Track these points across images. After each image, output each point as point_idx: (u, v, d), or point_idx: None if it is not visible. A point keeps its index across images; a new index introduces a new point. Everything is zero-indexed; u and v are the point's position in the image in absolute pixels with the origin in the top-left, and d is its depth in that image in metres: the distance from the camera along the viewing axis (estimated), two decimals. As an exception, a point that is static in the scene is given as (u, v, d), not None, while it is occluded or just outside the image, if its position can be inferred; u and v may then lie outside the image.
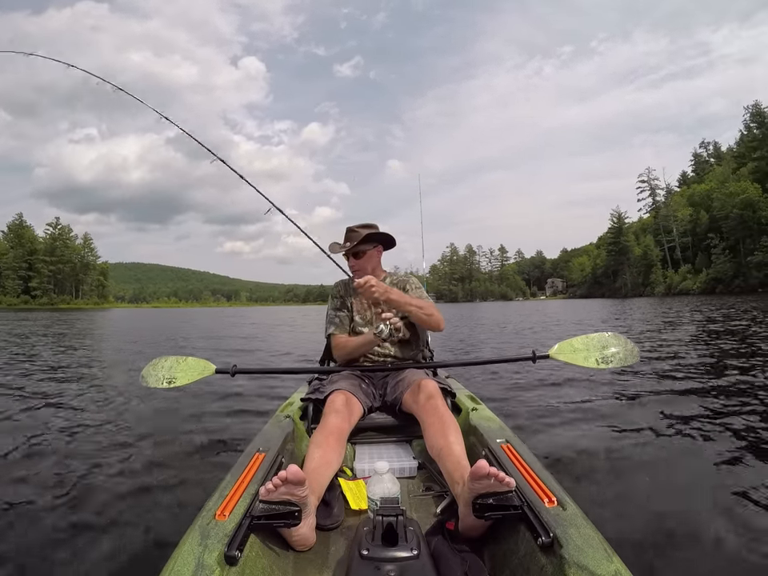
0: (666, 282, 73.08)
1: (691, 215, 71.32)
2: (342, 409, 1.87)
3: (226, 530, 1.13)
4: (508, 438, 1.71)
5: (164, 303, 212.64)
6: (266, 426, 2.03)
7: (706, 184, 69.91)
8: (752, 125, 65.86)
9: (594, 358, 2.21)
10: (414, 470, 1.91)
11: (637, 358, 2.18)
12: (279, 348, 10.35)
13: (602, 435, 3.17)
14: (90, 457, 2.93)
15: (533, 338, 11.61)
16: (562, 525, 1.12)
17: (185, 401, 4.54)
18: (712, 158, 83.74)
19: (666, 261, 77.88)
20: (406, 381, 2.12)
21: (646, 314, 19.90)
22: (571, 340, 2.32)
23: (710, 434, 3.06)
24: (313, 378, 2.60)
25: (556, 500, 1.23)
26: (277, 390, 4.91)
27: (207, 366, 2.38)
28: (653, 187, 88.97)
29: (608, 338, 2.27)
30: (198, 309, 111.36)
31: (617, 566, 0.97)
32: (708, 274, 62.80)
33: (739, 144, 70.26)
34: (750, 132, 66.28)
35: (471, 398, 2.41)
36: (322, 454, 1.63)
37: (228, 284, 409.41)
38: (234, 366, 2.38)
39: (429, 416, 1.82)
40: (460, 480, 1.44)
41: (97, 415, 4.05)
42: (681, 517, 1.97)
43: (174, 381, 2.34)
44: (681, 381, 4.89)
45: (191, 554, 1.05)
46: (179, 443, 3.24)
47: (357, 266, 2.49)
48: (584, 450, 2.87)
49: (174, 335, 15.11)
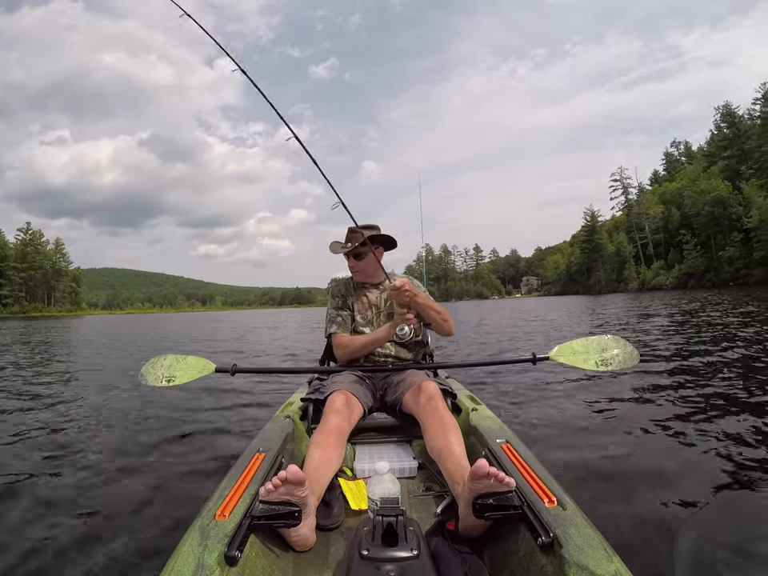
0: (639, 278, 74.86)
1: (663, 213, 73.48)
2: (342, 409, 1.87)
3: (226, 531, 1.13)
4: (508, 438, 1.71)
5: (138, 309, 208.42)
6: (266, 426, 2.03)
7: (678, 182, 72.07)
8: (722, 125, 67.56)
9: (594, 360, 2.22)
10: (414, 470, 1.91)
11: (636, 360, 2.19)
12: (279, 348, 10.35)
13: (602, 435, 3.17)
14: (89, 457, 2.92)
15: (514, 335, 11.36)
16: (562, 525, 1.12)
17: (184, 401, 4.53)
18: (683, 157, 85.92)
19: (639, 257, 79.70)
20: (407, 382, 2.12)
21: (620, 308, 20.35)
22: (571, 342, 2.33)
23: (711, 433, 3.05)
24: (313, 378, 2.58)
25: (556, 500, 1.24)
26: (277, 390, 4.90)
27: (207, 365, 2.37)
28: (625, 186, 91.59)
29: (607, 340, 2.29)
30: (173, 314, 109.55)
31: (617, 566, 0.97)
32: (680, 269, 65.10)
33: (710, 143, 72.59)
34: (721, 132, 68.03)
35: (471, 399, 2.41)
36: (322, 454, 1.62)
37: (203, 288, 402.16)
38: (234, 365, 2.37)
39: (429, 417, 1.82)
40: (460, 480, 1.44)
41: (96, 416, 4.04)
42: (681, 517, 1.97)
43: (174, 379, 2.32)
44: (679, 377, 4.87)
45: (191, 554, 1.05)
46: (179, 443, 3.23)
47: (357, 267, 2.47)
48: (584, 450, 2.88)
49: (163, 344, 14.62)
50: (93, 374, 6.95)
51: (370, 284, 2.55)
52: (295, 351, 9.67)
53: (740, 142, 61.57)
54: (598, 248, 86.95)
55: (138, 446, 3.16)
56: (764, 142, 52.31)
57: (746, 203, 54.32)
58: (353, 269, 2.49)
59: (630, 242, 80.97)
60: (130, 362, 8.23)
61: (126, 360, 8.79)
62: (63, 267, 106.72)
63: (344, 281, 2.58)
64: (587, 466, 2.62)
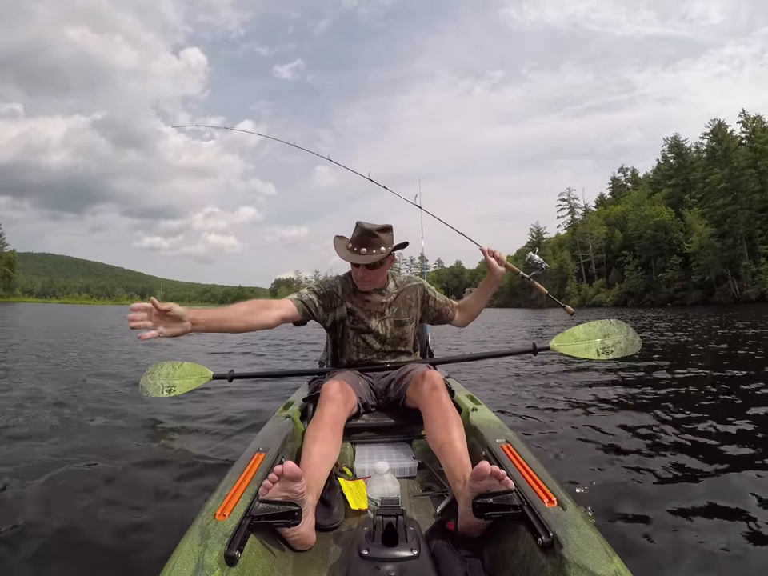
0: (580, 295, 77.20)
1: (607, 233, 76.90)
2: (336, 396, 1.82)
3: (226, 530, 1.13)
4: (508, 438, 1.72)
5: (74, 299, 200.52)
6: (266, 426, 2.03)
7: (622, 206, 75.50)
8: (669, 155, 71.53)
9: (595, 348, 2.24)
10: (414, 470, 1.91)
11: (638, 347, 2.20)
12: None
13: (602, 435, 3.17)
14: (87, 457, 2.86)
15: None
16: (562, 525, 1.12)
17: (184, 400, 4.44)
18: (629, 183, 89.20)
19: (581, 275, 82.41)
20: (410, 374, 2.09)
21: (558, 320, 20.91)
22: (572, 329, 2.34)
23: (711, 433, 3.08)
24: (313, 378, 2.58)
25: (556, 500, 1.24)
26: (277, 390, 4.85)
27: (204, 372, 2.34)
28: (572, 206, 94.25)
29: (610, 326, 2.30)
30: (110, 306, 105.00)
31: (617, 566, 0.98)
32: (621, 288, 68.37)
33: (656, 171, 76.83)
34: (667, 161, 72.06)
35: (471, 398, 2.40)
36: (318, 449, 1.60)
37: (143, 281, 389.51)
38: (232, 371, 2.35)
39: (432, 408, 1.79)
40: (461, 478, 1.45)
41: (95, 415, 3.94)
42: (681, 516, 1.98)
43: (174, 389, 2.30)
44: (679, 377, 4.90)
45: (191, 554, 1.04)
46: (178, 443, 3.19)
47: (369, 276, 2.15)
48: (584, 450, 2.88)
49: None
50: (93, 374, 6.68)
51: (372, 290, 2.27)
52: (295, 351, 9.47)
53: (685, 173, 65.00)
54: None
55: (137, 446, 3.11)
56: (708, 173, 55.31)
57: (687, 229, 57.34)
58: (363, 279, 2.16)
59: (573, 260, 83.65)
60: (130, 367, 7.85)
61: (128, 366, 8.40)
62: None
63: (343, 281, 2.29)
64: (587, 466, 2.61)
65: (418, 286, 2.37)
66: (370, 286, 2.22)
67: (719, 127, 55.99)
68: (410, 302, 2.33)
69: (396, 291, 2.32)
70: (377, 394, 2.26)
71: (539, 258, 2.36)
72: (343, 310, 2.25)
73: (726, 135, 54.71)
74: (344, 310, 2.25)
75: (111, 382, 5.59)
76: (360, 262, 2.08)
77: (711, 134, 57.20)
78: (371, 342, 2.30)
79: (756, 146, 51.66)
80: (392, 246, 2.12)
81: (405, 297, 2.33)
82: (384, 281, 2.28)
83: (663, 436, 3.10)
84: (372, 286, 2.23)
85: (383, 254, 2.06)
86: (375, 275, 2.17)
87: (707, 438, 2.99)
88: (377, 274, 2.17)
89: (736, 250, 50.67)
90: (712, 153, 56.46)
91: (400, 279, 2.38)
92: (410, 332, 2.37)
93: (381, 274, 2.19)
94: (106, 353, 8.91)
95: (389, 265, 2.21)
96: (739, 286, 50.13)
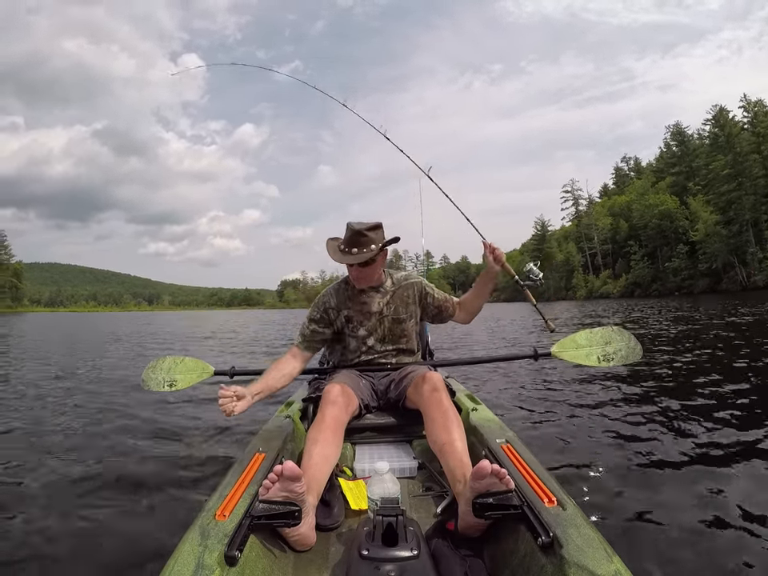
0: (587, 287, 77.11)
1: (612, 224, 76.46)
2: (338, 399, 1.83)
3: (226, 530, 1.13)
4: (508, 438, 1.71)
5: (82, 307, 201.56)
6: (266, 426, 2.03)
7: (626, 196, 75.05)
8: (672, 143, 71.05)
9: (596, 355, 2.21)
10: (414, 470, 1.91)
11: (639, 356, 2.18)
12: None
13: (602, 435, 3.18)
14: (88, 457, 2.91)
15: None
16: (562, 525, 1.12)
17: (183, 400, 4.53)
18: (632, 172, 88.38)
19: (588, 266, 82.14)
20: (410, 376, 2.09)
21: (569, 313, 20.86)
22: (574, 335, 2.32)
23: (713, 436, 3.05)
24: (313, 378, 2.57)
25: (556, 500, 1.24)
26: (277, 389, 4.80)
27: (206, 368, 2.34)
28: (576, 197, 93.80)
29: (611, 333, 2.28)
30: (119, 313, 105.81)
31: (617, 566, 0.97)
32: (627, 278, 68.04)
33: (658, 160, 76.31)
34: (670, 149, 71.62)
35: (471, 398, 2.39)
36: (319, 450, 1.61)
37: (150, 287, 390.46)
38: (233, 368, 2.35)
39: (433, 409, 1.79)
40: (462, 478, 1.45)
41: (94, 415, 4.03)
42: (681, 516, 1.98)
43: (175, 384, 2.30)
44: (678, 378, 4.98)
45: (191, 554, 1.05)
46: (178, 443, 3.23)
47: (362, 274, 2.18)
48: (584, 450, 2.89)
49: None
50: (91, 373, 6.86)
51: (369, 288, 2.28)
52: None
53: (688, 160, 64.70)
54: (547, 256, 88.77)
55: (137, 446, 3.15)
56: (711, 160, 54.77)
57: (693, 218, 57.02)
58: (357, 277, 2.20)
59: (578, 252, 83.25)
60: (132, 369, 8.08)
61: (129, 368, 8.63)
62: (4, 260, 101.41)
63: (336, 290, 2.31)
64: (587, 466, 2.62)
65: (415, 283, 2.37)
66: (366, 283, 2.24)
67: (721, 113, 55.46)
68: (407, 299, 2.32)
69: (393, 288, 2.31)
70: (377, 394, 2.26)
71: (538, 271, 2.35)
72: (341, 319, 2.28)
73: (727, 121, 54.20)
74: (342, 319, 2.28)
75: (112, 384, 5.70)
76: (351, 262, 2.11)
77: (713, 120, 56.64)
78: (371, 342, 2.30)
79: (759, 131, 51.13)
80: (382, 242, 2.14)
81: (402, 294, 2.32)
82: (380, 277, 2.30)
83: (664, 436, 3.10)
84: (368, 283, 2.25)
85: (373, 251, 2.08)
86: (369, 272, 2.18)
87: (708, 440, 2.97)
88: (370, 272, 2.18)
89: (742, 237, 50.25)
90: (714, 139, 55.98)
91: (397, 277, 2.37)
92: (410, 329, 2.36)
93: (374, 270, 2.20)
94: (111, 358, 9.10)
95: (381, 261, 2.23)
96: (746, 273, 49.83)
